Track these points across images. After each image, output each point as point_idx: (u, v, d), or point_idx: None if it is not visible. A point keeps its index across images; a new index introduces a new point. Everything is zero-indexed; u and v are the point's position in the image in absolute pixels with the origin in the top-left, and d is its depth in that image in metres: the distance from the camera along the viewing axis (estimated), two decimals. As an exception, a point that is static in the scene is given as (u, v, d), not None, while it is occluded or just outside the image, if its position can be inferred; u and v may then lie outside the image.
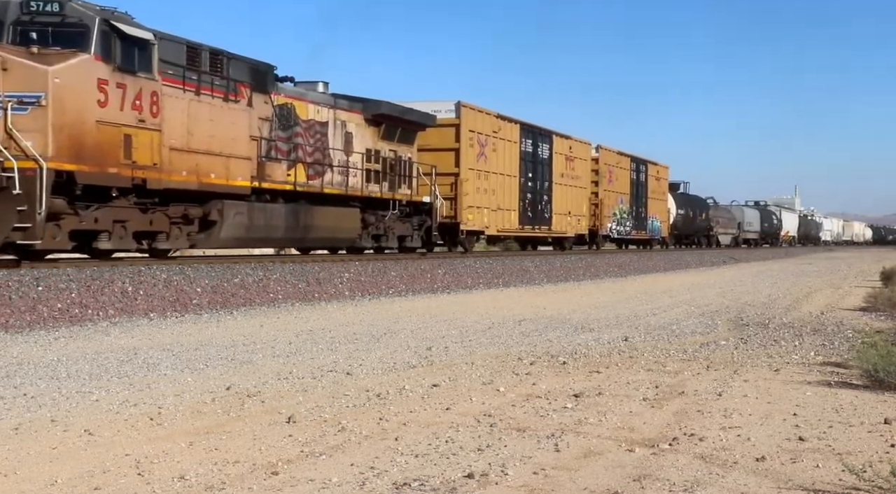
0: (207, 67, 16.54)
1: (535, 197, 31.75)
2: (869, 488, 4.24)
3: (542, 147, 32.41)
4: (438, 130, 25.69)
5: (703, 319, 12.92)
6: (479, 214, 27.27)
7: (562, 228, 34.26)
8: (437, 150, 25.83)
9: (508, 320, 12.60)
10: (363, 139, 21.98)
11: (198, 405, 6.22)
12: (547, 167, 32.78)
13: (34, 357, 8.55)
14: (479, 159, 27.26)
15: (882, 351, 7.17)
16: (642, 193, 44.39)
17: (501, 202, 28.83)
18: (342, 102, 21.58)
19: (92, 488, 4.26)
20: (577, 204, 35.83)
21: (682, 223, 52.24)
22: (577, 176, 35.86)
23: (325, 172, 20.47)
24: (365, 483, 4.34)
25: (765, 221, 74.73)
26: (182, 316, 12.64)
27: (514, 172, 29.88)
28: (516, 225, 30.10)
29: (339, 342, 9.93)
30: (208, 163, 16.35)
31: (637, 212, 43.32)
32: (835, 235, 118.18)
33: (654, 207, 46.60)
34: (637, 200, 43.31)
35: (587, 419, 5.84)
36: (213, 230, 16.77)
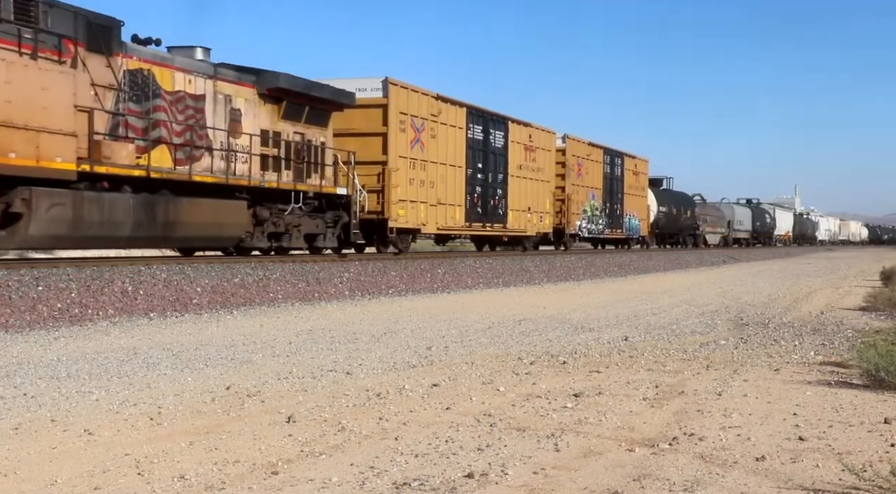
0: (11, 14, 12.83)
1: (487, 191, 27.94)
2: (869, 488, 4.24)
3: (496, 134, 28.47)
4: (364, 113, 22.17)
5: (703, 319, 12.92)
6: (413, 209, 23.59)
7: (520, 226, 30.32)
8: (362, 135, 22.30)
9: (508, 320, 12.60)
10: (256, 118, 18.25)
11: (198, 404, 6.22)
12: (501, 157, 28.85)
13: (34, 356, 8.55)
14: (413, 146, 23.55)
15: (882, 351, 7.17)
16: (618, 188, 40.54)
17: (443, 196, 25.17)
18: (226, 73, 17.71)
19: (92, 488, 4.26)
20: (538, 199, 31.77)
21: (664, 221, 48.70)
22: (539, 168, 31.76)
23: (201, 157, 16.71)
24: (365, 483, 4.34)
25: (757, 220, 71.78)
26: (182, 315, 12.64)
27: (460, 162, 26.11)
28: (462, 222, 26.39)
29: (338, 341, 9.93)
30: (3, 138, 12.58)
31: (612, 209, 39.66)
32: (832, 234, 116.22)
33: (632, 204, 42.70)
34: (612, 196, 39.59)
35: (587, 418, 5.84)
36: (17, 226, 13.07)
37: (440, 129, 25.06)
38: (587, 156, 36.76)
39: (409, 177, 23.45)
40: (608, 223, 39.03)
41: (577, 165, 35.51)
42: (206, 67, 17.29)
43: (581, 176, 36.00)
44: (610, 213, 39.33)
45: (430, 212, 24.53)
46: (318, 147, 20.12)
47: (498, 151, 28.70)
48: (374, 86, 22.79)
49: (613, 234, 40.28)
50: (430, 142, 24.47)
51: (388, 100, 22.62)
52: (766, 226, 75.13)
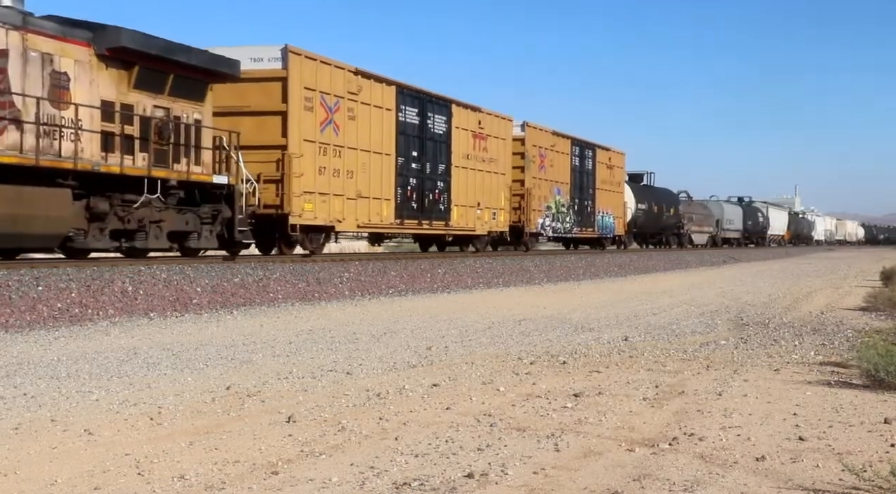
0: None
1: (425, 183, 24.30)
2: (869, 488, 4.24)
3: (436, 119, 24.79)
4: (261, 88, 18.71)
5: (703, 319, 12.92)
6: (324, 204, 19.93)
7: (467, 224, 26.68)
8: (258, 114, 18.73)
9: (508, 320, 12.60)
10: (94, 86, 14.47)
11: (198, 404, 6.22)
12: (443, 145, 25.13)
13: (34, 356, 8.55)
14: (324, 128, 19.81)
15: (882, 351, 7.17)
16: (588, 183, 36.49)
17: (365, 188, 21.53)
18: (44, 25, 13.77)
19: (92, 488, 4.26)
20: (491, 194, 28.09)
21: (644, 219, 44.59)
22: (492, 159, 28.08)
23: (1, 131, 13.01)
24: (365, 483, 4.34)
25: (749, 219, 67.92)
26: (182, 315, 12.64)
27: (389, 149, 22.50)
28: (392, 218, 22.79)
29: (339, 341, 9.93)
30: None
31: (581, 206, 35.66)
32: (828, 234, 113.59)
33: (606, 200, 38.64)
34: (581, 192, 35.61)
35: (587, 418, 5.84)
36: None
37: (361, 110, 21.32)
38: (551, 146, 32.63)
39: (320, 165, 19.67)
40: (577, 221, 35.22)
41: (538, 157, 31.42)
42: (10, 16, 13.16)
43: (544, 168, 31.91)
44: (579, 210, 35.42)
45: (348, 207, 20.84)
46: (191, 126, 16.30)
47: (438, 138, 24.94)
48: (272, 56, 18.97)
49: (584, 234, 36.49)
50: (348, 124, 20.77)
51: (289, 72, 18.84)
52: (759, 226, 71.77)
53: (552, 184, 32.69)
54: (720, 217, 60.44)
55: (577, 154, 35.36)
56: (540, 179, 31.52)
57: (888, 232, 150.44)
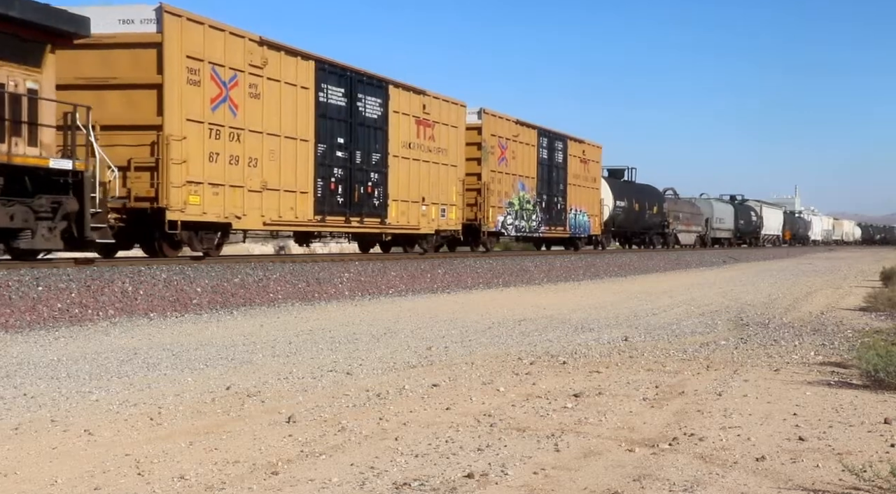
0: None
1: (354, 174, 21.08)
2: (869, 488, 4.24)
3: (369, 102, 21.64)
4: (131, 55, 15.68)
5: (703, 319, 12.92)
6: (216, 197, 16.69)
7: (409, 221, 23.61)
8: (127, 88, 15.71)
9: (508, 320, 12.60)
10: None
11: (198, 405, 6.22)
12: (378, 132, 22.00)
13: (34, 357, 8.55)
14: (217, 107, 16.68)
15: (882, 352, 7.17)
16: (559, 178, 33.04)
17: (273, 179, 18.31)
18: None
19: (92, 488, 4.26)
20: (439, 188, 24.88)
21: (623, 218, 41.31)
22: (441, 148, 24.89)
23: None
24: (365, 483, 4.34)
25: (741, 218, 64.77)
26: (182, 315, 12.65)
27: (305, 134, 19.29)
28: (310, 215, 19.57)
29: (339, 342, 9.93)
30: None
31: (550, 203, 32.23)
32: (826, 234, 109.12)
33: (580, 197, 35.20)
34: (550, 187, 32.17)
35: (587, 419, 5.84)
36: None
37: (268, 87, 18.10)
38: (514, 137, 29.30)
39: (211, 150, 16.42)
40: (545, 219, 31.82)
41: (498, 147, 28.21)
42: None
43: (505, 161, 28.66)
44: (548, 208, 32.02)
45: (250, 201, 17.66)
46: (21, 96, 13.09)
47: (372, 123, 21.73)
48: (144, 17, 15.71)
49: (553, 233, 33.12)
50: (251, 104, 17.59)
51: (165, 36, 15.64)
52: (752, 225, 68.52)
53: (515, 178, 29.43)
54: (710, 216, 57.43)
55: (546, 146, 31.86)
56: (500, 173, 28.30)
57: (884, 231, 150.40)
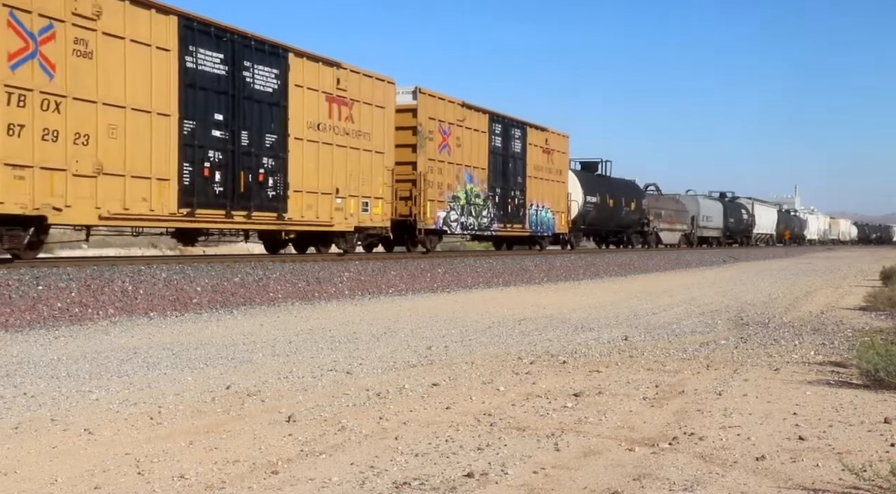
0: None
1: (239, 159, 16.93)
2: (869, 487, 4.25)
3: (259, 72, 17.51)
4: None
5: (703, 318, 12.92)
6: (21, 181, 12.98)
7: (317, 216, 19.36)
8: None
9: (508, 319, 12.60)
10: None
11: (198, 404, 6.22)
12: (274, 109, 17.96)
13: (34, 356, 8.55)
14: (19, 65, 12.94)
15: (881, 351, 7.17)
16: (516, 170, 29.20)
17: (116, 161, 14.52)
18: None
19: (92, 487, 4.26)
20: (360, 178, 20.80)
21: (595, 214, 37.35)
22: (362, 132, 20.85)
23: None
24: (365, 483, 4.34)
25: (731, 216, 61.27)
26: (182, 315, 12.65)
27: (165, 107, 15.51)
28: (173, 207, 15.70)
29: (339, 341, 9.93)
30: None
31: (505, 197, 28.43)
32: (821, 233, 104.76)
33: (542, 191, 31.13)
34: (505, 179, 28.39)
35: (587, 418, 5.84)
36: None
37: (105, 46, 14.37)
38: (459, 121, 25.49)
39: (10, 120, 12.82)
40: (499, 215, 28.02)
41: (439, 133, 24.43)
42: None
43: (448, 149, 24.81)
44: (502, 203, 28.24)
45: (78, 188, 13.84)
46: None
47: (265, 99, 17.71)
48: None
49: (509, 231, 29.15)
50: (79, 65, 13.91)
51: None
52: (743, 223, 64.95)
53: (461, 168, 25.61)
54: (696, 213, 53.77)
55: (500, 133, 28.14)
56: (442, 162, 24.44)
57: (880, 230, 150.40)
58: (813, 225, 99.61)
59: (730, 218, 61.02)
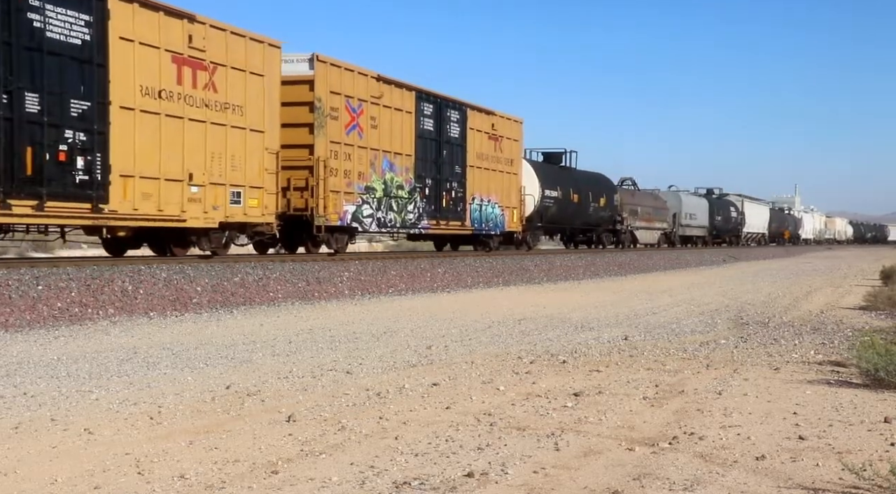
0: None
1: (14, 130, 12.60)
2: (869, 487, 4.24)
3: (57, 17, 13.11)
4: None
5: (703, 318, 12.92)
6: None
7: (160, 208, 15.08)
8: None
9: (508, 319, 12.60)
10: None
11: (198, 404, 6.22)
12: (85, 68, 13.62)
13: (34, 356, 8.55)
14: None
15: (881, 351, 7.17)
16: (454, 158, 25.07)
17: None
18: None
19: (92, 487, 4.26)
20: (227, 161, 16.54)
21: (557, 211, 33.00)
22: (231, 104, 16.57)
23: None
24: (365, 482, 4.34)
25: (718, 214, 57.35)
26: (182, 315, 12.65)
27: None
28: None
29: (338, 341, 9.93)
30: None
31: (439, 190, 24.33)
32: (817, 232, 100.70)
33: (488, 184, 27.04)
34: (439, 169, 24.25)
35: (587, 418, 5.84)
36: None
37: None
38: (375, 98, 21.26)
39: None
40: (430, 211, 23.94)
41: (346, 111, 20.20)
42: None
43: (359, 130, 20.74)
44: (434, 196, 24.19)
45: None
46: None
47: (65, 52, 13.27)
48: None
49: (444, 228, 25.13)
50: None
51: None
52: (732, 222, 60.89)
53: (377, 154, 21.48)
54: (678, 210, 49.66)
55: (431, 114, 24.01)
56: (350, 146, 20.34)
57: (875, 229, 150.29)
58: (808, 224, 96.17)
59: (717, 216, 57.21)
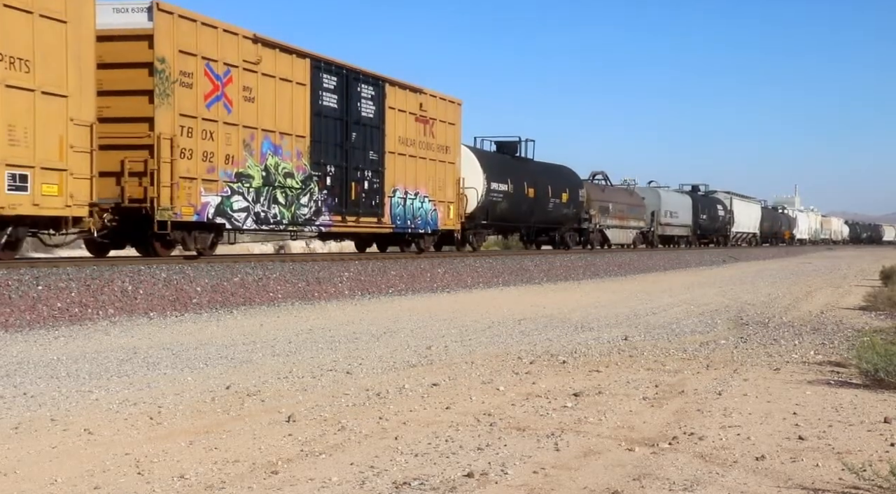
0: None
1: None
2: (868, 487, 4.24)
3: None
4: None
5: (703, 318, 12.92)
6: None
7: None
8: None
9: (508, 319, 12.60)
10: None
11: (197, 404, 6.22)
12: None
13: (34, 356, 8.55)
14: None
15: (881, 351, 7.17)
16: (366, 142, 20.89)
17: None
18: None
19: (92, 487, 4.26)
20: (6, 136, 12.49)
21: (507, 207, 28.63)
22: (2, 56, 12.41)
23: None
24: (365, 483, 4.34)
25: (703, 212, 53.36)
26: (182, 315, 12.65)
27: None
28: None
29: (338, 341, 9.93)
30: None
31: (346, 180, 20.18)
32: (812, 232, 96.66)
33: (415, 174, 23.08)
34: (346, 155, 20.20)
35: (587, 418, 5.84)
36: None
37: None
38: (250, 64, 17.31)
39: None
40: (333, 205, 19.77)
41: (208, 77, 16.27)
42: None
43: (226, 102, 16.72)
44: (339, 187, 19.94)
45: None
46: None
47: None
48: None
49: (354, 226, 20.96)
50: None
51: None
52: (719, 221, 56.95)
53: (254, 134, 17.46)
54: (656, 208, 45.60)
55: (334, 89, 19.68)
56: (213, 122, 16.36)
57: (870, 229, 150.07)
58: (803, 223, 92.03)
59: (701, 214, 53.06)
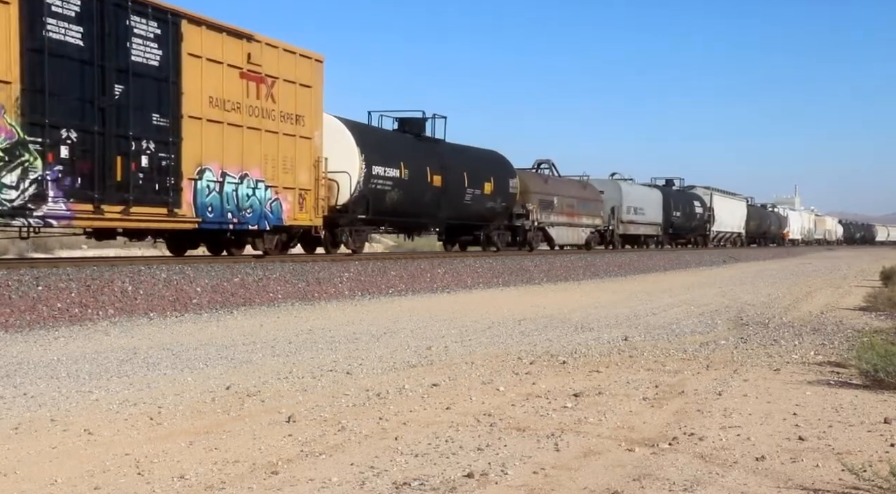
0: None
1: None
2: (869, 487, 4.24)
3: None
4: None
5: (703, 318, 12.92)
6: None
7: None
8: None
9: (508, 319, 12.60)
10: None
11: (198, 404, 6.22)
12: None
13: (34, 356, 8.55)
14: None
15: (881, 351, 7.17)
16: (148, 100, 14.51)
17: None
18: None
19: (92, 487, 4.26)
20: None
21: (403, 198, 22.63)
22: None
23: None
24: (365, 483, 4.34)
25: (676, 209, 47.04)
26: (182, 315, 12.65)
27: None
28: None
29: (338, 341, 9.93)
30: None
31: (109, 152, 13.68)
32: (805, 232, 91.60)
33: (241, 150, 16.76)
34: (105, 116, 13.62)
35: (587, 418, 5.84)
36: None
37: None
38: None
39: None
40: (75, 188, 13.20)
41: None
42: None
43: None
44: (89, 161, 13.45)
45: None
46: None
47: None
48: None
49: (120, 219, 14.28)
50: None
51: None
52: (697, 219, 51.07)
53: None
54: (617, 203, 39.19)
55: (79, 17, 13.25)
56: None
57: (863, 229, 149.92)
58: (795, 222, 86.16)
59: (674, 211, 46.64)
